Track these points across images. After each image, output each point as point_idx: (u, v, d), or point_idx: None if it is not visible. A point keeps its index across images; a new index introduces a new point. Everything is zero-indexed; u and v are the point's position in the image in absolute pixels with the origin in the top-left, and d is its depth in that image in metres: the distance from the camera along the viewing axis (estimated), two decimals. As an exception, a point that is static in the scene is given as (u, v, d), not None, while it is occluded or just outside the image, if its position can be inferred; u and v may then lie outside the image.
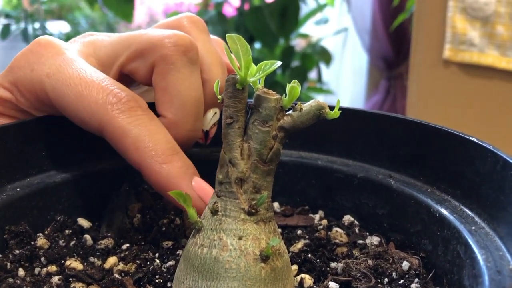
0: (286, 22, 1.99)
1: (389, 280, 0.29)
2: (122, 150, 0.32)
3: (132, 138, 0.31)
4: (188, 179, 0.32)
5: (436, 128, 0.33)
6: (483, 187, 0.30)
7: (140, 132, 0.31)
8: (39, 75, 0.34)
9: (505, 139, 1.31)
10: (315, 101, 0.27)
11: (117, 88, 0.33)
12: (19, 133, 0.34)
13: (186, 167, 0.32)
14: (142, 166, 0.31)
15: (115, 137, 0.32)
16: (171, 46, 0.34)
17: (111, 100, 0.32)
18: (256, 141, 0.27)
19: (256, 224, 0.27)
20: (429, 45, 1.33)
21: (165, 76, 0.34)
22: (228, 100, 0.27)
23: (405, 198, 0.33)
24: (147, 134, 0.31)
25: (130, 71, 0.36)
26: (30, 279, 0.29)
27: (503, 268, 0.24)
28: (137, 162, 0.31)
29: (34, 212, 0.33)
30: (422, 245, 0.32)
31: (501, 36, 1.26)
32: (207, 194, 0.31)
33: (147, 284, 0.30)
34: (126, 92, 0.32)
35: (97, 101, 0.32)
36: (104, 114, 0.32)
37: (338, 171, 0.37)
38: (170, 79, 0.34)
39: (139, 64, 0.35)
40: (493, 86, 1.31)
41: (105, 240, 0.33)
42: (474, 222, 0.29)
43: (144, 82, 0.36)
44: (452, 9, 1.29)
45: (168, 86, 0.34)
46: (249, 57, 0.26)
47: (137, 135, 0.31)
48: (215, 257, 0.26)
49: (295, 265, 0.32)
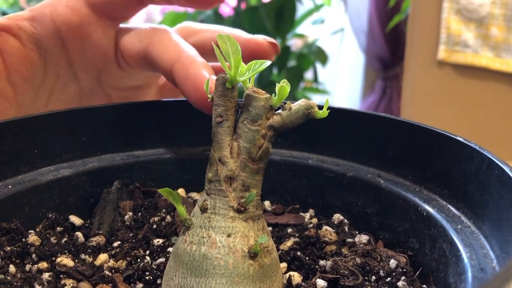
0: (283, 22, 1.99)
1: (376, 278, 0.30)
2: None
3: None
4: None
5: (424, 128, 0.34)
6: (469, 187, 0.30)
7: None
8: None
9: (499, 140, 1.31)
10: (304, 101, 0.28)
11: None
12: (11, 130, 0.34)
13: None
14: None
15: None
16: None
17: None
18: (246, 140, 0.27)
19: (245, 221, 0.27)
20: (423, 46, 1.34)
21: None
22: (218, 99, 0.27)
23: (394, 197, 0.34)
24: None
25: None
26: (21, 275, 0.29)
27: (486, 266, 0.25)
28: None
29: (26, 209, 0.33)
30: (410, 244, 0.32)
31: (495, 37, 1.27)
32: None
33: (137, 281, 0.30)
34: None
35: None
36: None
37: (328, 170, 0.37)
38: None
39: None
40: (487, 87, 1.32)
41: (96, 237, 0.34)
42: (460, 221, 0.29)
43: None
44: (447, 10, 1.29)
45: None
46: (239, 56, 0.27)
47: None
48: (204, 254, 0.26)
49: (285, 262, 0.32)
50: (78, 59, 0.42)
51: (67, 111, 0.37)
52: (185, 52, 0.37)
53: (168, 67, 0.36)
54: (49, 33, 0.40)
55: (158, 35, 0.39)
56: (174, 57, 0.36)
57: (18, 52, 0.40)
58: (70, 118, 0.37)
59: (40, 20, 0.40)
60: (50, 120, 0.36)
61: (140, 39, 0.40)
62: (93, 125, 0.38)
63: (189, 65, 0.35)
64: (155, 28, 0.40)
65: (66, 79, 0.43)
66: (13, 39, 0.40)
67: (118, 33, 0.42)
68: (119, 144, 0.39)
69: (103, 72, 0.43)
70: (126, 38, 0.41)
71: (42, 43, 0.41)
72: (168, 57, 0.37)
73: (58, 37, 0.40)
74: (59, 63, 0.42)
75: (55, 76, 0.42)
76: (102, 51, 0.42)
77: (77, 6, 0.40)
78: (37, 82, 0.42)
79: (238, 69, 0.27)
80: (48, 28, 0.40)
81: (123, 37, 0.41)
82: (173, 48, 0.37)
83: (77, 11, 0.40)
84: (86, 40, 0.41)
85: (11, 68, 0.40)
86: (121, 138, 0.39)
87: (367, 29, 2.28)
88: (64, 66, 0.42)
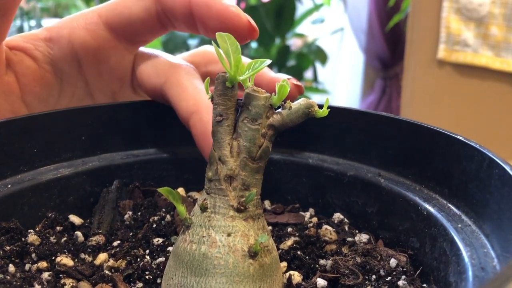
0: (282, 21, 1.99)
1: (377, 277, 0.29)
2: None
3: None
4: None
5: (425, 127, 0.34)
6: (470, 186, 0.30)
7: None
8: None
9: (499, 139, 1.31)
10: (304, 100, 0.28)
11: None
12: (11, 129, 0.34)
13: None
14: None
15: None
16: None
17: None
18: (246, 139, 0.27)
19: (245, 221, 0.27)
20: (423, 45, 1.34)
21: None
22: (218, 98, 0.27)
23: (394, 196, 0.34)
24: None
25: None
26: (21, 275, 0.29)
27: (487, 265, 0.25)
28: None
29: (25, 209, 0.33)
30: (410, 243, 0.32)
31: (495, 36, 1.27)
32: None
33: (137, 280, 0.30)
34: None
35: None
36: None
37: (329, 170, 0.37)
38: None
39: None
40: (487, 86, 1.32)
41: (96, 236, 0.33)
42: (461, 220, 0.29)
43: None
44: (447, 10, 1.29)
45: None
46: (239, 55, 0.26)
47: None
48: (203, 254, 0.26)
49: (285, 262, 0.32)
50: (94, 81, 0.41)
51: (67, 110, 0.37)
52: (204, 103, 0.35)
53: (185, 116, 0.35)
54: (66, 55, 0.40)
55: (176, 76, 0.37)
56: (192, 107, 0.35)
57: (34, 73, 0.40)
58: (70, 117, 0.37)
59: (57, 41, 0.40)
60: (50, 119, 0.36)
61: (158, 74, 0.38)
62: (93, 124, 0.38)
63: (208, 122, 0.34)
64: (174, 65, 0.38)
65: (81, 97, 0.42)
66: (29, 60, 0.39)
67: (136, 58, 0.41)
68: (118, 143, 0.39)
69: (118, 93, 0.43)
70: (143, 68, 0.40)
71: (58, 65, 0.40)
72: (186, 105, 0.35)
73: (75, 59, 0.40)
74: (75, 84, 0.41)
75: (71, 95, 0.42)
76: (119, 75, 0.41)
77: (96, 30, 0.39)
78: (52, 101, 0.41)
79: (238, 68, 0.27)
80: (65, 50, 0.39)
81: (140, 66, 0.40)
82: (191, 97, 0.36)
83: (96, 35, 0.39)
84: (103, 64, 0.40)
85: (26, 89, 0.40)
86: (121, 138, 0.39)
87: (367, 28, 2.28)
88: (80, 87, 0.42)
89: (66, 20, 0.40)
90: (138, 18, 0.38)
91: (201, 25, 0.37)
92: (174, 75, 0.37)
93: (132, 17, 0.38)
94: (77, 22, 0.39)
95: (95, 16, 0.39)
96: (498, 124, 1.32)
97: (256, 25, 0.36)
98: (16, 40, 0.40)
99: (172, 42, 2.00)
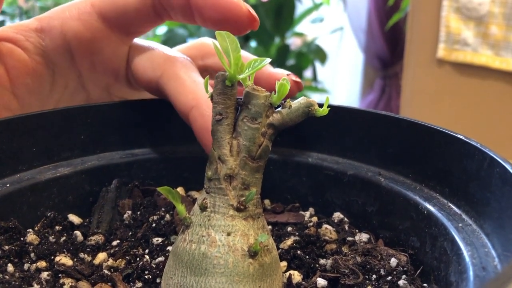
0: (282, 20, 1.99)
1: (377, 276, 0.29)
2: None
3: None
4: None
5: (425, 126, 0.33)
6: (470, 185, 0.30)
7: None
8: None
9: (499, 138, 1.31)
10: (304, 99, 0.28)
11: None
12: (9, 128, 0.34)
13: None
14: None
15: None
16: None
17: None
18: (245, 138, 0.27)
19: (245, 220, 0.27)
20: (423, 44, 1.34)
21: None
22: (217, 97, 0.27)
23: (394, 195, 0.34)
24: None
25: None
26: (19, 274, 0.29)
27: (488, 265, 0.24)
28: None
29: (24, 208, 0.33)
30: (411, 242, 0.32)
31: (494, 36, 1.27)
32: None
33: (136, 280, 0.30)
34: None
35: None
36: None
37: (329, 169, 0.37)
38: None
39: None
40: (487, 86, 1.32)
41: (95, 236, 0.33)
42: (462, 219, 0.29)
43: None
44: (447, 9, 1.29)
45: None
46: (239, 54, 0.26)
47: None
48: (203, 253, 0.26)
49: (285, 261, 0.32)
50: (87, 74, 0.40)
51: (66, 109, 0.37)
52: (203, 96, 0.34)
53: (184, 110, 0.35)
54: (58, 46, 0.39)
55: (173, 69, 0.36)
56: (191, 101, 0.34)
57: (24, 65, 0.38)
58: (69, 116, 0.37)
59: (49, 32, 0.38)
60: (49, 118, 0.36)
61: (153, 67, 0.37)
62: (92, 123, 0.38)
63: (208, 116, 0.33)
64: (170, 57, 0.37)
65: (74, 90, 0.41)
66: (19, 51, 0.38)
67: (131, 50, 0.40)
68: (118, 142, 0.39)
69: (112, 86, 0.42)
70: (138, 61, 0.39)
71: (50, 56, 0.39)
72: (185, 100, 0.35)
73: (67, 50, 0.39)
74: (68, 75, 0.40)
75: (63, 87, 0.41)
76: (113, 67, 0.40)
77: (90, 20, 0.38)
78: (44, 93, 0.40)
79: (238, 67, 0.26)
80: (58, 41, 0.38)
81: (135, 59, 0.39)
82: (190, 90, 0.35)
83: (89, 25, 0.38)
84: (97, 56, 0.39)
85: (17, 81, 0.39)
86: (120, 137, 0.39)
87: (366, 27, 2.28)
88: (73, 78, 0.41)
89: (58, 10, 0.39)
90: (133, 7, 0.37)
91: (199, 15, 0.36)
92: (171, 68, 0.36)
93: (127, 7, 0.37)
94: (69, 12, 0.38)
95: (88, 6, 0.38)
96: (497, 123, 1.32)
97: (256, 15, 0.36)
98: (6, 31, 0.39)
99: (172, 41, 2.00)
